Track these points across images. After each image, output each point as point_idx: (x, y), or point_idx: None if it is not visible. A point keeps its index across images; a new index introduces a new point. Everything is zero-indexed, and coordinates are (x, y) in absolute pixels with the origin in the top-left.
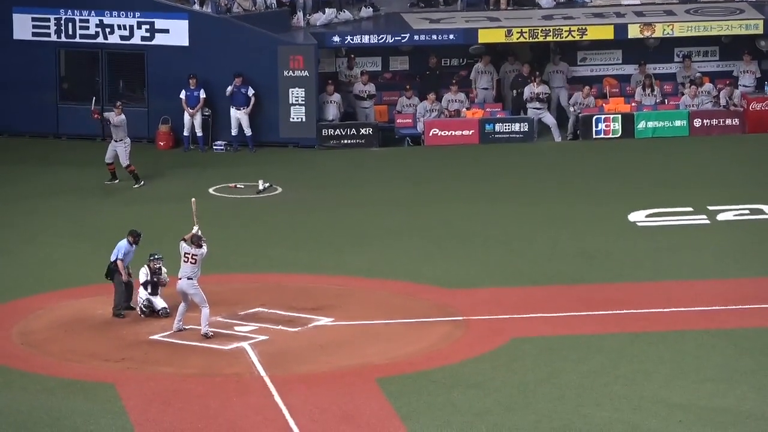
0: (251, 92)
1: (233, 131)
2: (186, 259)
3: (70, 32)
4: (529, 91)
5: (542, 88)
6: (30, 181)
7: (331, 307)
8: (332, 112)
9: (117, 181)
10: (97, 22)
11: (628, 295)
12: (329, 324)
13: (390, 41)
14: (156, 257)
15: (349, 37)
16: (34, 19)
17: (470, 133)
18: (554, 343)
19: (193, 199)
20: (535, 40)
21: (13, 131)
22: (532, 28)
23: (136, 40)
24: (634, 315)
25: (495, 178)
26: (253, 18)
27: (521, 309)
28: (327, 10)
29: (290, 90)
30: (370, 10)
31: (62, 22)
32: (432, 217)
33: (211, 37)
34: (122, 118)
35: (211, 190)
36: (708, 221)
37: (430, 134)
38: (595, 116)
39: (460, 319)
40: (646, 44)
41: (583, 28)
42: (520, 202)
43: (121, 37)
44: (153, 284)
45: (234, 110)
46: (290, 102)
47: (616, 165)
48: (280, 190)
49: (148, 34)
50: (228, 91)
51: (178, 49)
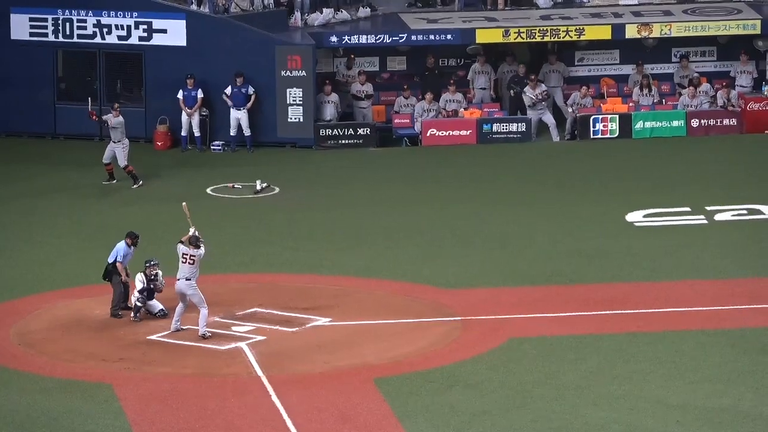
0: (251, 90)
1: (232, 131)
2: (184, 260)
3: (68, 32)
4: (529, 96)
5: (541, 89)
6: (27, 181)
7: (329, 307)
8: (330, 112)
9: (115, 182)
10: (95, 22)
11: (626, 295)
12: (327, 324)
13: (388, 41)
14: (152, 263)
15: (346, 37)
16: (31, 19)
17: (468, 133)
18: (552, 343)
19: (184, 203)
20: (533, 40)
21: (10, 131)
22: (530, 28)
23: (134, 40)
24: (632, 315)
25: (493, 179)
26: (251, 18)
27: (519, 309)
28: (325, 10)
29: (288, 90)
30: (368, 10)
31: (60, 22)
32: (430, 217)
33: (209, 37)
34: (120, 120)
35: (209, 190)
36: (706, 221)
37: (428, 134)
38: (593, 116)
39: (458, 319)
40: (643, 44)
41: (581, 28)
42: (518, 202)
43: (119, 37)
44: (149, 291)
45: (234, 110)
46: (288, 102)
47: (613, 165)
48: (277, 190)
49: (146, 34)
50: (227, 93)
51: (176, 49)
